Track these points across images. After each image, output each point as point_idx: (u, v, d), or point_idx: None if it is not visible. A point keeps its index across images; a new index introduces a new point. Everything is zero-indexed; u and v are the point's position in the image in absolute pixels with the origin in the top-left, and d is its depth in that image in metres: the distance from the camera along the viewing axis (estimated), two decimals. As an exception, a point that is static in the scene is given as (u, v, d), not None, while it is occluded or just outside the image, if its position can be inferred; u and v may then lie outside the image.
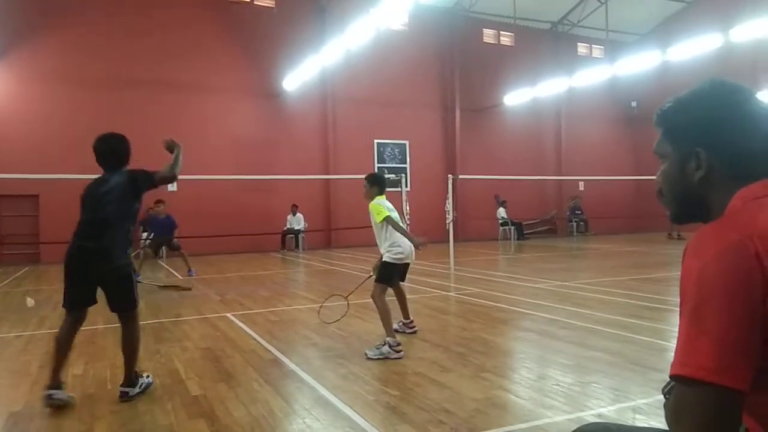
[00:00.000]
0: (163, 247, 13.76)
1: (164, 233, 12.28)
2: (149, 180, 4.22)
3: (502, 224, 21.64)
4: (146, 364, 5.06)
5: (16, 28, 16.75)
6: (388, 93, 21.32)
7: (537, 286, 9.47)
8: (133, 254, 11.54)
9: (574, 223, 23.87)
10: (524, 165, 23.03)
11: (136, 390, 4.14)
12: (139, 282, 11.49)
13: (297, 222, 19.21)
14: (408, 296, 8.65)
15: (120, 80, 17.63)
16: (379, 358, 5.07)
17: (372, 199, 5.82)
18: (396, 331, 5.65)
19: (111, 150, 4.31)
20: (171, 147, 4.48)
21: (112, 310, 4.24)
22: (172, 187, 16.99)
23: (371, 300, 5.56)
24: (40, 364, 5.20)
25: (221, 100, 19.04)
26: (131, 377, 4.17)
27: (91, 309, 7.99)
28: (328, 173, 20.04)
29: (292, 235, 19.16)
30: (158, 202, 12.31)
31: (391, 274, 5.72)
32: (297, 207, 19.20)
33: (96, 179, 4.31)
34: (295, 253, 18.35)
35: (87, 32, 17.44)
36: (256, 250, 18.32)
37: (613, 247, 18.12)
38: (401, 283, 6.16)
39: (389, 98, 21.34)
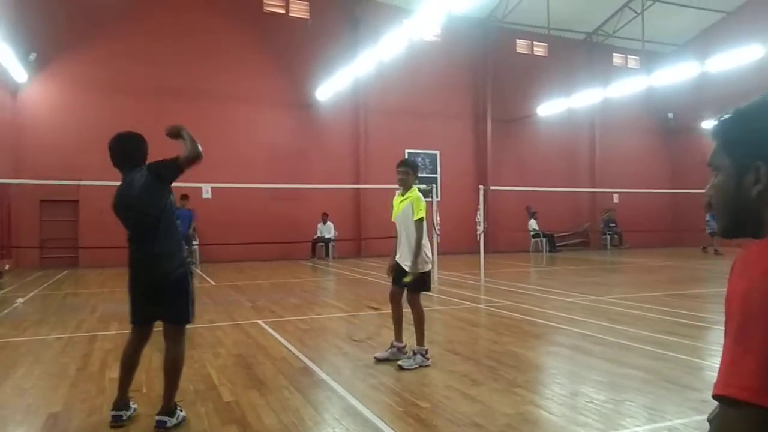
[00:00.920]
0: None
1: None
2: (174, 167, 3.86)
3: (533, 236, 21.41)
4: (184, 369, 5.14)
5: (58, 39, 17.34)
6: (420, 103, 21.38)
7: (569, 300, 9.33)
8: None
9: (608, 236, 23.46)
10: (557, 176, 22.78)
11: (174, 421, 3.72)
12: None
13: (327, 230, 19.34)
14: (437, 308, 8.70)
15: (157, 89, 18.08)
16: (413, 368, 5.05)
17: (410, 187, 5.42)
18: (387, 359, 5.30)
19: (130, 150, 4.06)
20: (175, 132, 4.06)
21: (163, 320, 3.89)
22: (206, 194, 17.35)
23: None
24: (78, 366, 5.34)
25: (255, 109, 19.36)
26: (170, 405, 3.76)
27: (126, 314, 8.19)
28: (358, 182, 20.14)
29: (323, 244, 19.29)
30: (184, 197, 12.83)
31: (428, 280, 5.50)
32: (327, 216, 19.34)
33: (121, 187, 3.99)
34: (325, 261, 18.45)
35: (124, 43, 17.94)
36: (287, 257, 18.48)
37: (648, 261, 17.74)
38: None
39: (421, 108, 21.39)
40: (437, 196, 12.20)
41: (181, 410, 3.84)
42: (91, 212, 16.93)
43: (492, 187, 15.92)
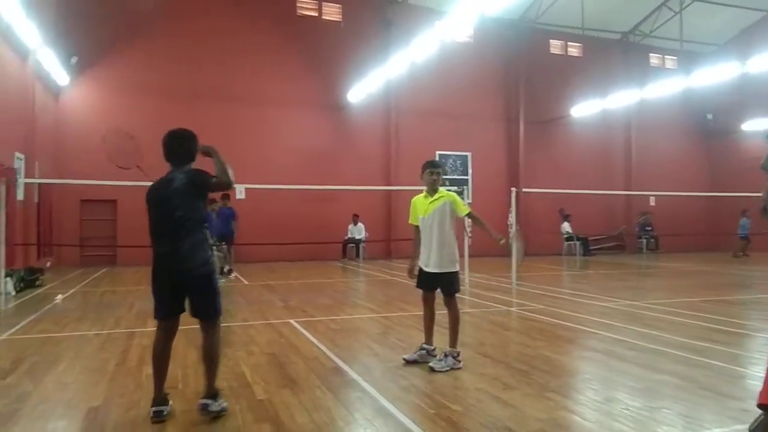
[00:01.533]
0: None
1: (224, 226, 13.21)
2: (206, 184, 4.09)
3: (566, 239, 21.10)
4: (215, 366, 5.24)
5: (98, 42, 17.82)
6: (452, 105, 21.31)
7: (604, 304, 9.18)
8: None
9: (644, 240, 22.98)
10: (591, 178, 22.41)
11: (217, 406, 3.92)
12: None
13: (358, 232, 19.43)
14: (468, 310, 8.66)
15: (194, 91, 18.43)
16: (445, 371, 5.05)
17: (437, 189, 5.43)
18: (415, 361, 5.30)
19: (180, 146, 4.18)
20: (206, 152, 4.23)
21: (193, 316, 4.08)
22: (240, 194, 17.59)
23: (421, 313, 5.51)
24: (117, 362, 5.49)
25: (288, 111, 19.57)
26: (213, 390, 3.98)
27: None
28: (389, 184, 20.19)
29: (353, 245, 19.37)
30: (225, 196, 13.19)
31: (458, 282, 5.48)
32: (358, 217, 19.42)
33: (160, 180, 4.12)
34: (356, 262, 18.53)
35: (162, 46, 18.35)
36: (318, 258, 18.62)
37: (684, 266, 17.33)
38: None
39: (452, 110, 21.32)
40: (468, 198, 12.12)
41: (224, 401, 4.02)
42: (129, 212, 17.34)
43: (524, 189, 15.75)
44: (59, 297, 9.94)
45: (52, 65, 15.22)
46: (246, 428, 3.71)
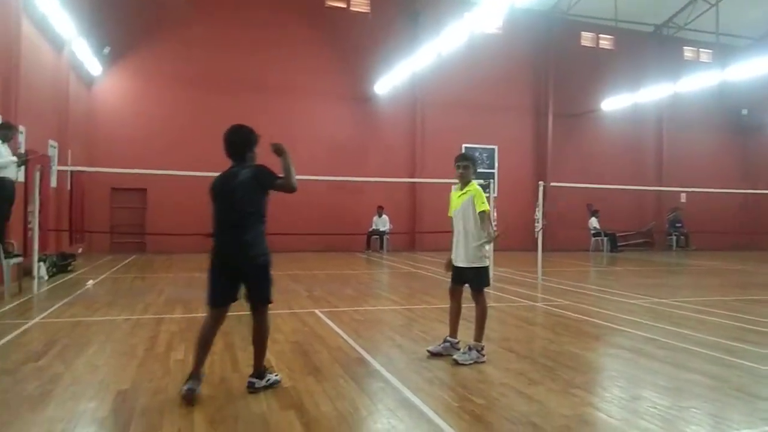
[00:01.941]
0: None
1: None
2: (270, 182, 4.25)
3: (594, 235, 20.82)
4: (241, 354, 5.32)
5: (130, 33, 18.09)
6: (479, 97, 21.13)
7: (631, 301, 9.04)
8: None
9: (674, 237, 22.54)
10: (621, 174, 22.01)
11: (263, 383, 4.22)
12: None
13: (382, 223, 19.43)
14: (493, 304, 8.61)
15: (222, 81, 18.61)
16: (469, 364, 5.04)
17: (469, 181, 5.34)
18: (439, 353, 5.31)
19: (242, 141, 4.38)
20: (277, 151, 4.39)
21: (248, 301, 4.28)
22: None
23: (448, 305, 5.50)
24: (146, 347, 5.59)
25: (314, 102, 19.64)
26: (260, 369, 4.28)
27: (190, 299, 8.49)
28: (414, 176, 20.13)
29: (377, 236, 19.39)
30: None
31: (488, 278, 5.48)
32: (383, 208, 19.43)
33: (224, 173, 4.31)
34: (380, 254, 18.56)
35: (192, 37, 18.55)
36: (342, 249, 18.69)
37: (716, 264, 16.95)
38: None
39: (479, 102, 21.15)
40: (494, 192, 12.02)
41: (275, 375, 4.38)
42: (158, 201, 17.65)
43: (552, 184, 15.55)
44: (90, 282, 10.17)
45: (86, 55, 15.50)
46: (271, 414, 3.75)
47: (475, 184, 5.40)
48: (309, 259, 15.83)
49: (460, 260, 5.34)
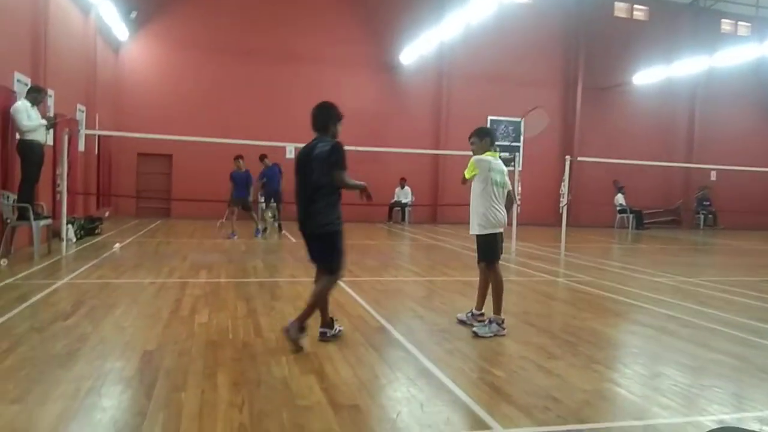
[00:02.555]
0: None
1: (242, 190, 12.63)
2: (335, 165, 4.53)
3: (619, 211, 20.50)
4: (263, 319, 5.40)
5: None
6: (506, 69, 20.74)
7: (656, 279, 8.92)
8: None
9: (702, 216, 22.11)
10: (649, 149, 21.55)
11: (332, 332, 4.72)
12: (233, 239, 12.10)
13: (405, 195, 19.39)
14: (514, 278, 8.58)
15: (249, 49, 18.54)
16: (488, 336, 5.05)
17: (482, 155, 5.36)
18: (463, 322, 5.43)
19: (326, 117, 4.71)
20: (358, 188, 4.85)
21: (318, 265, 4.75)
22: (289, 154, 17.72)
23: (473, 278, 5.49)
24: (171, 310, 5.69)
25: (339, 71, 19.47)
26: (326, 320, 4.75)
27: (214, 264, 8.61)
28: (438, 148, 19.96)
29: (399, 208, 19.37)
30: (263, 156, 13.11)
31: (494, 246, 5.33)
32: (405, 180, 19.36)
33: (307, 146, 4.69)
34: (401, 225, 18.56)
35: (218, 3, 18.48)
36: (363, 220, 18.68)
37: (744, 244, 16.62)
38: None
39: (506, 74, 20.76)
40: (519, 166, 11.87)
41: (339, 326, 4.86)
42: (183, 166, 17.82)
43: (579, 158, 15.28)
44: (117, 246, 10.36)
45: (113, 20, 15.51)
46: (292, 379, 3.81)
47: (481, 155, 5.36)
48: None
49: (470, 228, 5.46)
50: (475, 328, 5.16)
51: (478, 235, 5.38)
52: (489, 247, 5.35)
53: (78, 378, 3.67)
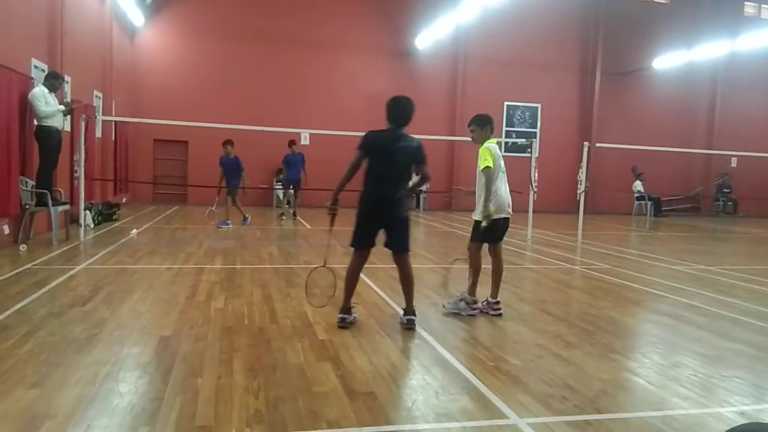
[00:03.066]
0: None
1: (232, 177, 12.10)
2: (422, 162, 4.89)
3: (637, 198, 20.23)
4: (279, 305, 5.41)
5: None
6: (523, 53, 20.46)
7: (674, 267, 8.81)
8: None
9: (721, 203, 21.76)
10: (669, 136, 21.20)
11: (351, 318, 4.84)
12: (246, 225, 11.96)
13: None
14: (529, 266, 8.52)
15: (264, 35, 18.47)
16: (453, 312, 5.30)
17: (482, 143, 5.37)
18: (478, 310, 5.40)
19: (412, 113, 4.96)
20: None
21: (391, 249, 4.89)
22: (304, 140, 17.73)
23: (488, 266, 5.50)
24: (187, 295, 5.73)
25: (354, 57, 19.36)
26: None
27: (229, 250, 8.64)
28: (454, 135, 19.80)
29: (414, 195, 19.28)
30: (292, 142, 13.08)
31: (487, 231, 5.30)
32: (421, 167, 19.24)
33: (387, 132, 4.84)
34: (416, 212, 18.51)
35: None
36: (379, 206, 18.69)
37: (765, 232, 16.35)
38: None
39: (524, 59, 20.49)
40: (536, 152, 11.74)
41: (355, 313, 4.94)
42: (200, 153, 17.88)
43: (597, 144, 15.06)
44: (134, 232, 10.44)
45: (128, 5, 15.51)
46: (308, 366, 3.81)
47: (486, 144, 5.32)
48: (345, 215, 15.81)
49: (475, 211, 5.45)
50: (444, 302, 5.42)
51: (474, 220, 5.42)
52: (476, 230, 5.38)
53: (96, 363, 3.70)
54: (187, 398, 3.20)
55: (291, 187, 14.19)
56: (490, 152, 5.25)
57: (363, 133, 4.91)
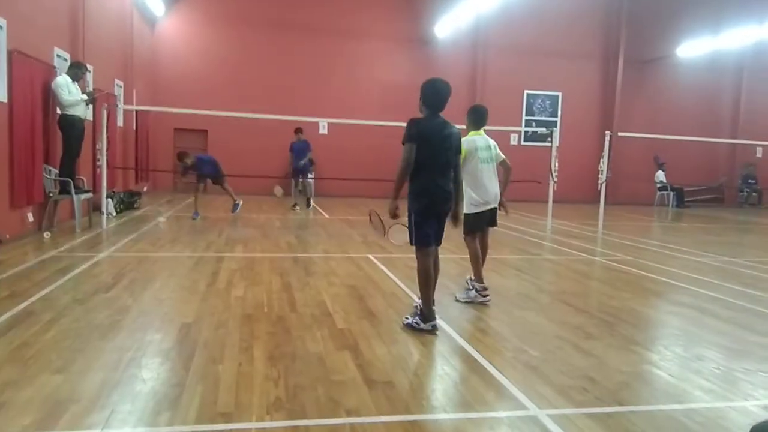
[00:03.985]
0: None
1: (209, 168, 12.02)
2: (460, 151, 4.73)
3: (659, 189, 19.93)
4: (298, 294, 5.44)
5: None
6: (544, 41, 20.16)
7: (697, 259, 8.67)
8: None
9: (746, 194, 21.35)
10: (692, 125, 20.77)
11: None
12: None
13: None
14: (549, 257, 8.46)
15: (283, 24, 18.44)
16: (467, 302, 5.37)
17: (466, 136, 5.42)
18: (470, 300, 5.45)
19: (447, 94, 4.63)
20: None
21: (438, 242, 4.61)
22: (322, 129, 17.74)
23: (507, 256, 5.49)
24: (208, 283, 5.78)
25: (373, 45, 19.24)
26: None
27: (249, 239, 8.69)
28: (473, 123, 19.61)
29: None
30: (298, 129, 13.51)
31: (472, 223, 5.46)
32: (440, 156, 19.14)
33: (433, 120, 4.55)
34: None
35: (255, -23, 18.35)
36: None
37: (791, 223, 16.01)
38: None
39: (545, 46, 20.19)
40: (556, 141, 11.60)
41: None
42: (219, 142, 17.98)
43: (620, 134, 14.83)
44: (162, 219, 10.57)
45: (149, -5, 15.60)
46: (327, 354, 3.83)
47: (463, 138, 5.14)
48: (363, 204, 15.84)
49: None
50: (457, 294, 5.54)
51: (465, 213, 5.32)
52: (468, 223, 5.39)
53: (119, 349, 3.76)
54: (208, 385, 3.24)
55: (300, 176, 14.18)
56: (463, 147, 5.14)
57: (382, 123, 4.83)
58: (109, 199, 10.45)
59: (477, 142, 5.45)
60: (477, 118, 5.62)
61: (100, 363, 3.51)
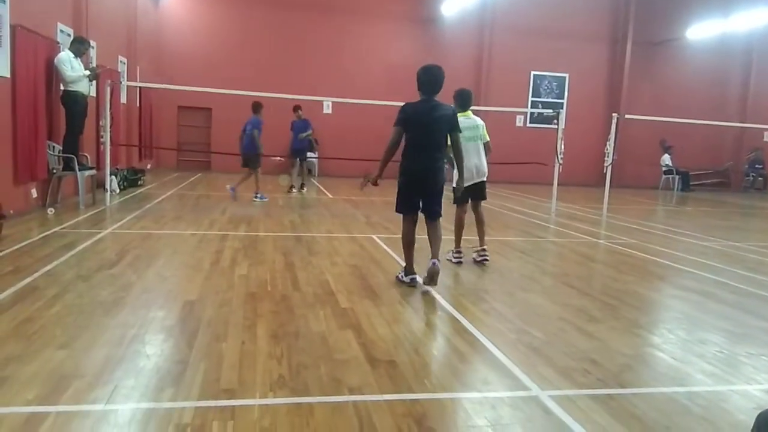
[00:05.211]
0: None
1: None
2: (457, 129, 5.08)
3: (665, 172, 19.80)
4: (301, 273, 5.44)
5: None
6: (552, 22, 19.89)
7: (702, 243, 8.63)
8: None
9: (752, 178, 21.21)
10: (700, 108, 20.55)
11: (440, 264, 5.14)
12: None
13: (443, 152, 19.09)
14: (553, 239, 8.44)
15: (285, 2, 18.23)
16: (447, 259, 5.98)
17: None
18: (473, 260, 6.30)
19: (442, 80, 5.09)
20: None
21: (425, 214, 5.19)
22: (326, 109, 17.63)
23: (511, 238, 5.52)
24: (211, 261, 5.78)
25: (379, 24, 19.01)
26: (438, 255, 5.16)
27: (253, 217, 8.70)
28: (479, 104, 19.45)
29: (438, 165, 19.14)
30: (297, 107, 13.22)
31: (456, 198, 5.95)
32: (445, 137, 19.03)
33: (422, 104, 5.01)
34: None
35: (259, -48, 18.09)
36: (396, 176, 18.59)
37: (797, 209, 15.92)
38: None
39: (552, 27, 19.93)
40: (562, 123, 11.50)
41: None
42: (223, 120, 17.90)
43: (626, 116, 14.69)
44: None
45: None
46: (330, 333, 3.83)
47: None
48: (367, 185, 15.81)
49: None
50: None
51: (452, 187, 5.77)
52: (461, 196, 5.88)
53: (123, 325, 3.77)
54: (211, 362, 3.25)
55: (300, 156, 13.84)
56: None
57: (386, 102, 4.91)
58: (113, 176, 10.44)
59: (462, 122, 5.64)
60: (463, 101, 6.28)
61: (104, 339, 3.52)
